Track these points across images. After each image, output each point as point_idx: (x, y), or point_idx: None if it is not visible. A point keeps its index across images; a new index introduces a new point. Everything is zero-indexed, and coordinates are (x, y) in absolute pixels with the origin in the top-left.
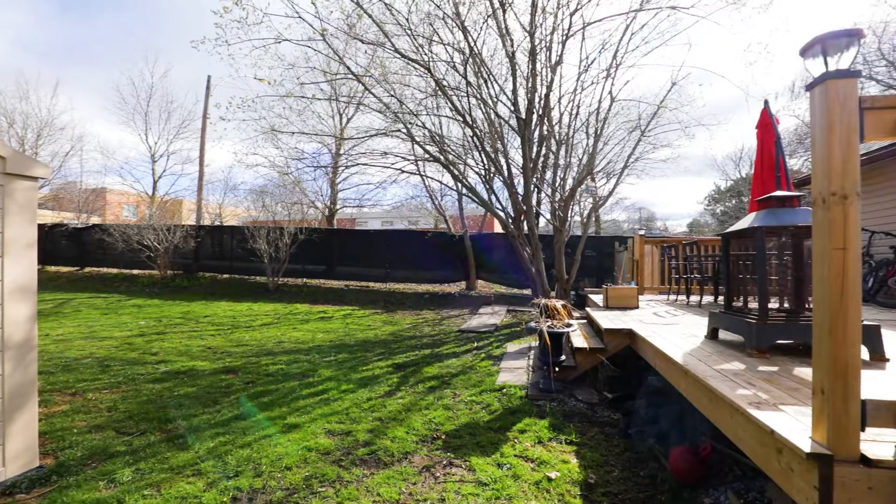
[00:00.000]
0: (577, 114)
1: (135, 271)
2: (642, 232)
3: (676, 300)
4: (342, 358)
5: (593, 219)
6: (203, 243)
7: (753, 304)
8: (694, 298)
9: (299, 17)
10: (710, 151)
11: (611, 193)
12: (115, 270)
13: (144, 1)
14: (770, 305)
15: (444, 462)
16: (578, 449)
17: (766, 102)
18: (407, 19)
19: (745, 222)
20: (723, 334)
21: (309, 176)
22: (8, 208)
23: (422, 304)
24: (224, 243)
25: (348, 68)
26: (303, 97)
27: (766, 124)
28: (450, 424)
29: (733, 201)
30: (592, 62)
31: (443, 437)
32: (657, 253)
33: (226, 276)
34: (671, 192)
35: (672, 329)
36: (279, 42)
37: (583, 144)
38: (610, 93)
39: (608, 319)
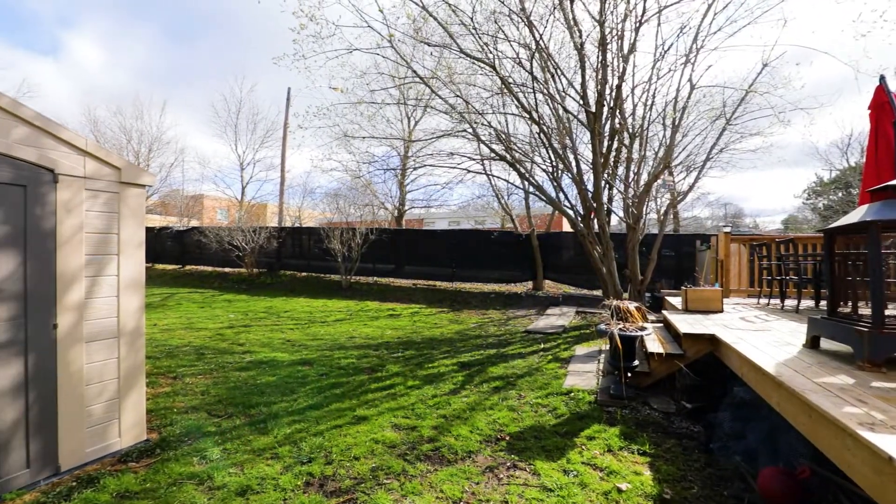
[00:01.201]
0: (653, 104)
1: (226, 269)
2: (728, 229)
3: (768, 304)
4: (409, 354)
5: (671, 216)
6: (284, 243)
7: (865, 311)
8: (790, 303)
9: (368, 26)
10: (809, 139)
11: (691, 188)
12: (209, 268)
13: (234, 25)
14: (887, 312)
15: (508, 464)
16: (653, 461)
17: (881, 79)
18: (471, 19)
19: (856, 216)
20: (825, 343)
21: (379, 178)
22: (122, 212)
23: (487, 303)
24: (302, 243)
25: (415, 72)
26: (373, 103)
27: (883, 104)
28: (514, 426)
29: (839, 194)
30: (669, 48)
31: (507, 438)
32: (745, 252)
33: (304, 274)
34: (762, 186)
35: (763, 336)
36: (350, 52)
37: (659, 136)
38: (689, 80)
39: (687, 323)
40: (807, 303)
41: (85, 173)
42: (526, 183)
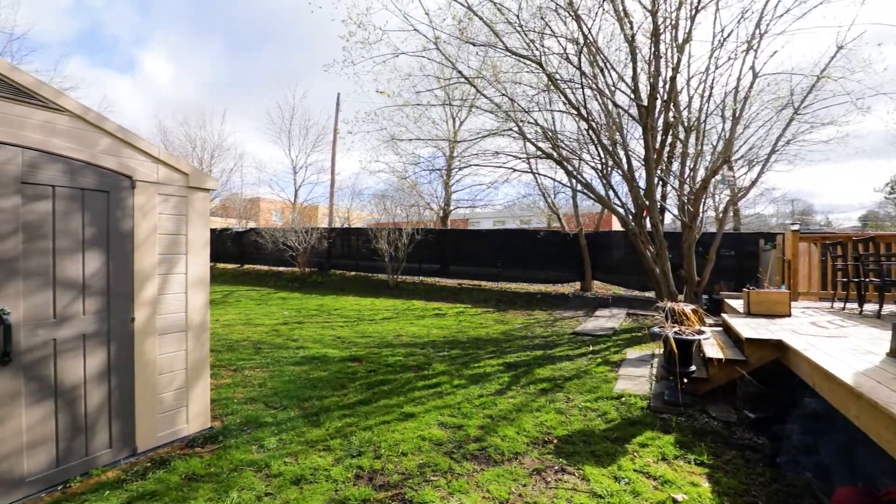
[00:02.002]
0: (710, 95)
1: (280, 268)
2: (796, 227)
3: (843, 308)
4: (455, 354)
5: (731, 213)
6: (334, 244)
7: None
8: (869, 307)
9: (414, 29)
10: (893, 126)
11: (753, 183)
12: (265, 267)
13: (287, 37)
14: None
15: (556, 467)
16: (712, 472)
17: None
18: (517, 16)
19: None
20: None
21: (425, 179)
22: (190, 215)
23: (533, 304)
24: (351, 244)
25: (460, 73)
26: (418, 105)
27: None
28: (562, 429)
29: None
30: (729, 35)
31: (554, 441)
32: (817, 252)
33: (352, 273)
34: (836, 180)
35: (838, 343)
36: (396, 56)
37: (717, 129)
38: (752, 67)
39: (750, 328)
40: (889, 307)
41: (158, 179)
42: (574, 181)
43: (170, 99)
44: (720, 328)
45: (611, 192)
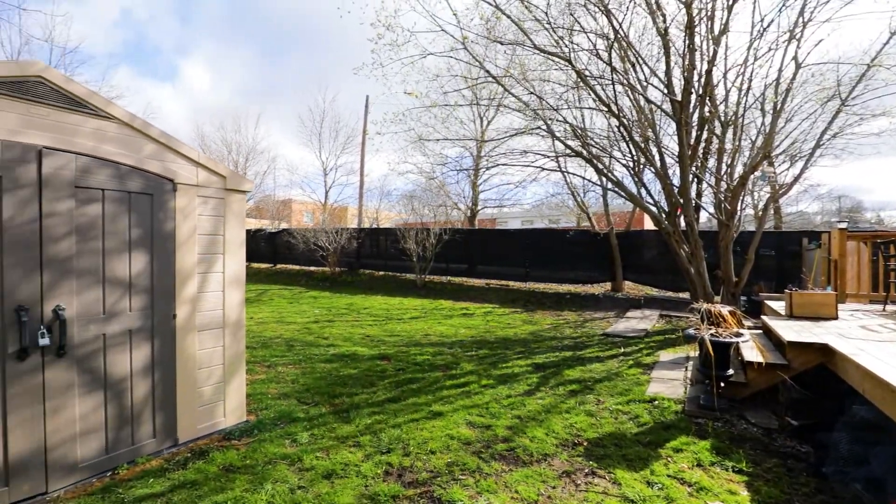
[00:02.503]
0: (749, 88)
1: (311, 268)
2: (844, 225)
3: None
4: (483, 354)
5: (771, 211)
6: (363, 244)
7: None
8: None
9: (442, 30)
10: None
11: (796, 180)
12: (297, 267)
13: (318, 42)
14: None
15: (586, 470)
16: (751, 480)
17: None
18: (545, 13)
19: None
20: None
21: (452, 179)
22: (227, 216)
23: (562, 304)
24: (380, 244)
25: (488, 72)
26: (446, 105)
27: None
28: (592, 432)
29: None
30: (769, 24)
31: (584, 443)
32: (866, 251)
33: (381, 273)
34: (889, 174)
35: (890, 347)
36: (424, 57)
37: (756, 124)
38: (795, 58)
39: (793, 331)
40: None
41: (198, 182)
42: (604, 179)
43: (207, 104)
44: (760, 331)
45: (643, 190)
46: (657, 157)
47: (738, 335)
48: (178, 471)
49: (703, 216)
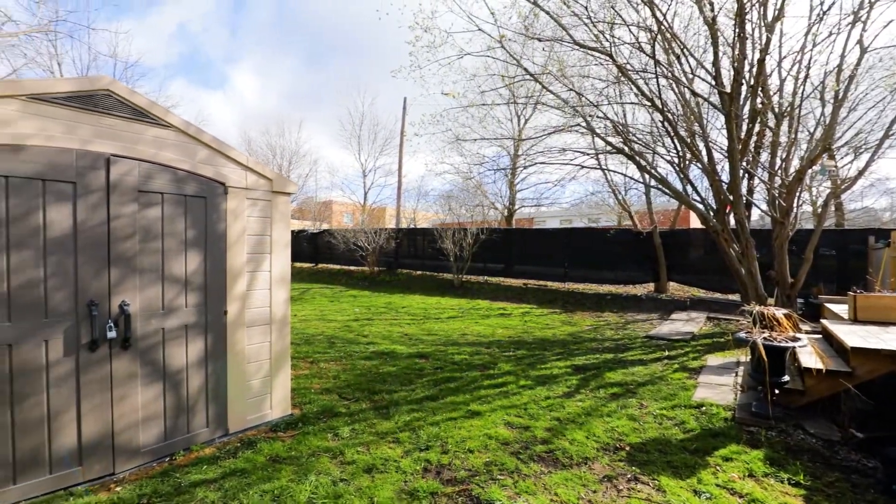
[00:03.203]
0: (807, 77)
1: (351, 267)
2: None
3: None
4: (521, 354)
5: (832, 207)
6: (401, 244)
7: None
8: None
9: (479, 29)
10: None
11: (861, 173)
12: (337, 266)
13: (358, 47)
14: None
15: (629, 476)
16: (809, 495)
17: None
18: (585, 7)
19: None
20: None
21: (489, 179)
22: (274, 217)
23: (603, 305)
24: (417, 244)
25: (525, 70)
26: (483, 105)
27: None
28: (635, 436)
29: None
30: (830, 7)
31: (626, 448)
32: None
33: (419, 272)
34: None
35: None
36: (461, 57)
37: (815, 114)
38: (859, 41)
39: (857, 336)
40: None
41: (247, 185)
42: (647, 176)
43: (254, 110)
44: (819, 336)
45: (689, 187)
46: (704, 153)
47: (795, 339)
48: (228, 459)
49: (755, 214)
